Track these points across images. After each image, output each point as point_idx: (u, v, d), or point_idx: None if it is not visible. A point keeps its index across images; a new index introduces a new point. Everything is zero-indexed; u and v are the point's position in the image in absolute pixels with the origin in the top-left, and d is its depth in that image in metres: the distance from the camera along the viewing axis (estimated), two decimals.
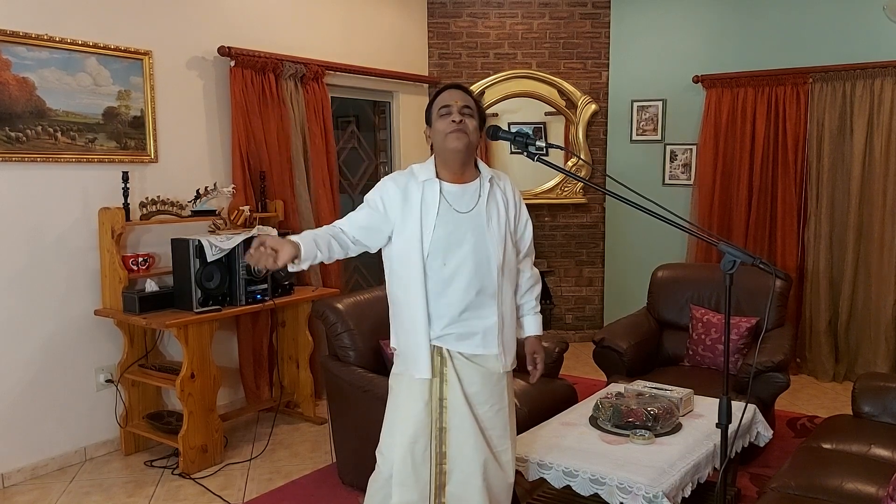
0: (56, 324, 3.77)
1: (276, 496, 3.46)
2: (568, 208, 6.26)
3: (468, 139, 2.27)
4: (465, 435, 2.30)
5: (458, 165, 2.31)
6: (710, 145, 5.60)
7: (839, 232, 5.23)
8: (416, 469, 2.31)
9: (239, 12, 4.54)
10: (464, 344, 2.31)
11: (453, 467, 2.33)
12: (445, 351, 2.31)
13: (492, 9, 6.10)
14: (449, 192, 2.30)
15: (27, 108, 3.58)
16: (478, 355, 2.32)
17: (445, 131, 2.26)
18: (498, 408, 2.36)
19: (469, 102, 2.31)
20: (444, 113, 2.29)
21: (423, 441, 2.31)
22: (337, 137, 5.54)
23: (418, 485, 2.32)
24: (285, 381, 4.53)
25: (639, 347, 4.09)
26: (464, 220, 2.28)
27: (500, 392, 2.36)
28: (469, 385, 2.31)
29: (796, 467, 2.64)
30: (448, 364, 2.30)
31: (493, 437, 2.35)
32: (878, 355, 5.09)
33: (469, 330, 2.30)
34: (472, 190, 2.32)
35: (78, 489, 3.57)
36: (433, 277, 2.26)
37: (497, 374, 2.35)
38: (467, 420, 2.29)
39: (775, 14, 5.41)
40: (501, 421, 2.37)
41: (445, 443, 2.32)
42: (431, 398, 2.31)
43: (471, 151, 2.32)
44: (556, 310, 6.33)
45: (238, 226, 4.07)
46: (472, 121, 2.30)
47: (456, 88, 2.35)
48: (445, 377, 2.30)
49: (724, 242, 2.02)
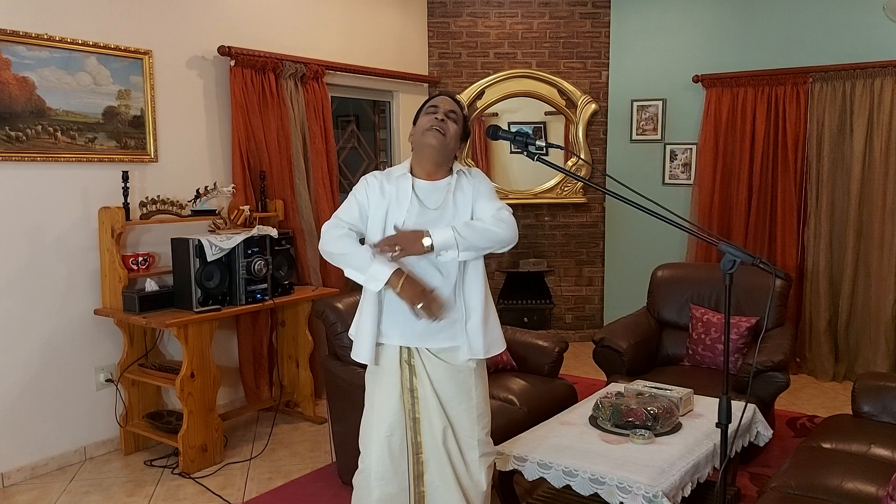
0: (56, 323, 3.77)
1: (276, 496, 3.46)
2: (568, 208, 6.26)
3: (445, 140, 2.33)
4: (436, 423, 2.35)
5: (431, 164, 2.37)
6: (710, 145, 5.60)
7: (839, 232, 5.23)
8: (395, 461, 2.37)
9: (239, 12, 4.54)
10: (430, 341, 2.34)
11: (430, 456, 2.38)
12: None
13: (492, 8, 6.10)
14: (420, 188, 2.36)
15: (27, 108, 3.58)
16: (443, 350, 2.36)
17: (425, 127, 2.34)
18: (465, 406, 2.38)
19: (456, 109, 2.40)
20: (430, 111, 2.38)
21: (398, 433, 2.36)
22: (337, 137, 5.54)
23: (397, 477, 2.37)
24: (285, 381, 4.53)
25: (639, 347, 4.09)
26: (432, 217, 2.33)
27: (468, 391, 2.38)
28: (436, 379, 2.36)
29: (796, 467, 2.64)
30: (415, 354, 2.36)
31: (460, 437, 2.38)
32: (878, 355, 5.09)
33: (433, 326, 2.31)
34: (442, 186, 2.38)
35: (78, 489, 3.57)
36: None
37: (464, 371, 2.37)
38: (435, 410, 2.34)
39: (775, 14, 5.41)
40: (468, 420, 2.38)
41: (419, 432, 2.38)
42: (403, 390, 2.36)
43: (446, 153, 2.37)
44: (556, 309, 6.33)
45: (238, 225, 4.07)
46: (455, 126, 2.37)
47: (447, 96, 2.45)
48: (414, 368, 2.37)
49: (724, 242, 2.02)
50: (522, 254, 6.15)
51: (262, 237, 4.03)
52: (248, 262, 3.93)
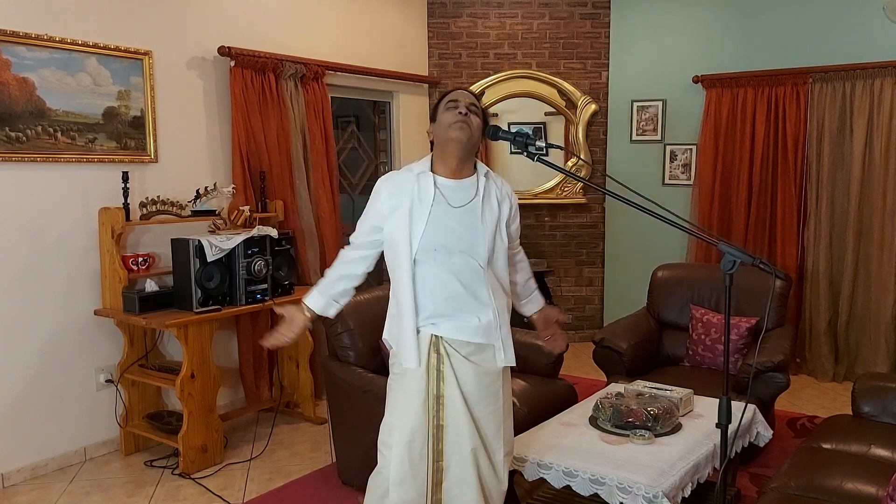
0: (56, 324, 3.77)
1: (276, 496, 3.46)
2: (568, 208, 6.26)
3: (470, 132, 2.30)
4: (461, 431, 2.31)
5: (456, 160, 2.33)
6: (710, 145, 5.60)
7: (839, 232, 5.23)
8: (414, 467, 2.32)
9: (239, 12, 4.54)
10: (462, 332, 2.30)
11: (450, 464, 2.34)
12: (443, 348, 2.31)
13: (492, 9, 6.10)
14: (444, 186, 2.32)
15: (27, 108, 3.58)
16: (474, 353, 2.32)
17: (450, 122, 2.30)
18: (493, 408, 2.36)
19: (475, 102, 2.37)
20: (451, 106, 2.33)
21: (420, 439, 2.32)
22: (337, 137, 5.54)
23: (416, 483, 2.33)
24: (285, 381, 4.53)
25: (639, 347, 4.09)
26: (457, 215, 2.29)
27: (496, 392, 2.36)
28: (465, 384, 2.31)
29: (796, 467, 2.64)
30: (445, 361, 2.31)
31: (486, 437, 2.36)
32: (878, 355, 5.09)
33: (464, 324, 2.30)
34: (467, 185, 2.34)
35: (78, 489, 3.57)
36: (423, 270, 2.28)
37: (493, 374, 2.35)
38: (463, 417, 2.30)
39: (775, 14, 5.41)
40: (495, 421, 2.37)
41: (442, 440, 2.33)
42: (428, 395, 2.32)
43: (471, 148, 2.34)
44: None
45: (238, 226, 4.07)
46: (477, 118, 2.33)
47: (463, 90, 2.42)
48: (442, 374, 2.31)
49: (724, 242, 2.02)
50: None
51: (262, 237, 4.03)
52: (248, 262, 3.93)
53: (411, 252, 2.27)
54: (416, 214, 2.28)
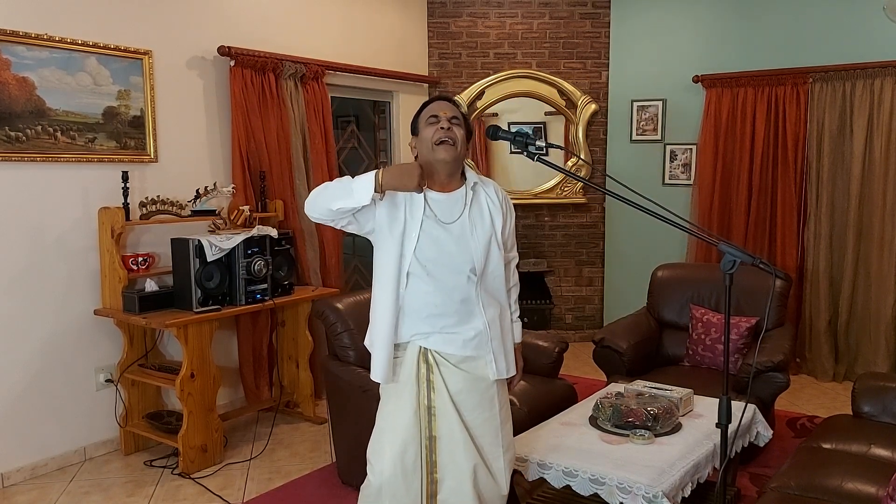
0: (56, 324, 3.77)
1: (276, 496, 3.46)
2: (568, 208, 6.26)
3: (456, 151, 2.27)
4: (455, 442, 2.28)
5: (444, 176, 2.31)
6: (710, 145, 5.60)
7: (839, 232, 5.23)
8: (407, 479, 2.29)
9: (239, 12, 4.54)
10: (451, 346, 2.27)
11: (444, 475, 2.30)
12: (431, 357, 2.29)
13: (492, 9, 6.10)
14: (434, 201, 2.28)
15: (27, 108, 3.58)
16: (466, 361, 2.29)
17: (434, 140, 2.26)
18: (488, 416, 2.32)
19: (457, 114, 2.31)
20: (432, 122, 2.29)
21: (412, 450, 2.29)
22: (337, 137, 5.54)
23: (409, 495, 2.29)
24: (285, 381, 4.53)
25: (639, 347, 4.09)
26: (448, 231, 2.26)
27: (490, 399, 2.32)
28: (456, 392, 2.28)
29: (796, 467, 2.64)
30: (434, 370, 2.28)
31: (483, 445, 2.32)
32: (878, 355, 5.09)
33: (454, 337, 2.27)
34: (456, 198, 2.31)
35: (78, 489, 3.57)
36: (413, 285, 2.25)
37: (486, 380, 2.31)
38: (457, 427, 2.27)
39: (775, 14, 5.41)
40: (492, 428, 2.33)
41: (436, 451, 2.30)
42: (420, 406, 2.29)
43: (458, 162, 2.31)
44: (556, 310, 6.33)
45: (238, 226, 4.07)
46: (461, 130, 2.30)
47: (444, 100, 2.36)
48: (433, 384, 2.28)
49: (724, 242, 2.02)
50: (522, 254, 6.14)
51: (262, 237, 4.03)
52: (248, 262, 3.93)
53: (400, 268, 2.24)
54: (408, 230, 2.25)
